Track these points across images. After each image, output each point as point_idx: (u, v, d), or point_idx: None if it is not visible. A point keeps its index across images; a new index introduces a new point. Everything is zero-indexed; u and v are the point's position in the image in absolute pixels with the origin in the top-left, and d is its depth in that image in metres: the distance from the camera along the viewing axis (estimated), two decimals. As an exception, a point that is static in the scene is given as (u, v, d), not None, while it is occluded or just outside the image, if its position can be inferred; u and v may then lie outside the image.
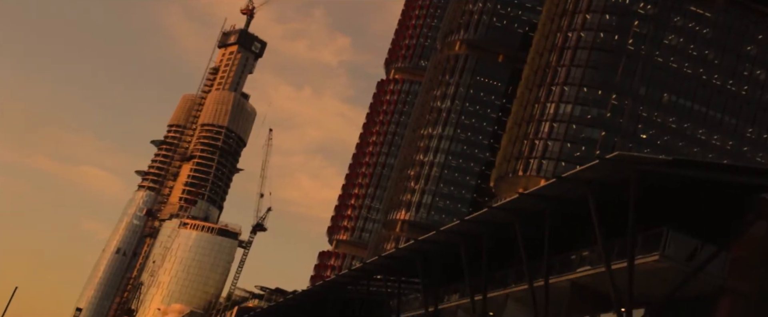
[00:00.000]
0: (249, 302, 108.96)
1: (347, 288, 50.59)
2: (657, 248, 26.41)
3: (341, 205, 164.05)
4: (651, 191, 27.12)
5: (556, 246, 31.09)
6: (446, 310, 40.94)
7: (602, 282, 28.16)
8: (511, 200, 32.22)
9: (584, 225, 28.93)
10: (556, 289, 30.99)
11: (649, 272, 26.82)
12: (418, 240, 40.12)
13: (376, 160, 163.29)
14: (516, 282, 35.33)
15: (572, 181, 28.37)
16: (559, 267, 31.82)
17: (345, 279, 51.18)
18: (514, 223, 31.90)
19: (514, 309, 35.00)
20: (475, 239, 35.06)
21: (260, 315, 71.55)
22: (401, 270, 43.38)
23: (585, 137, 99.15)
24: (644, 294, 26.66)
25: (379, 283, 47.65)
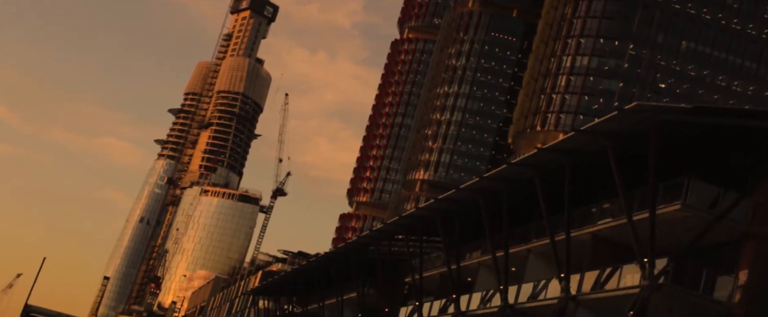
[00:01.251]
0: (272, 266, 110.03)
1: (369, 249, 50.86)
2: (678, 197, 26.23)
3: (360, 167, 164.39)
4: (671, 140, 26.82)
5: (577, 199, 30.96)
6: (468, 268, 41.12)
7: (624, 233, 28.07)
8: (530, 155, 32.04)
9: (604, 177, 28.74)
10: (578, 242, 30.95)
11: (671, 221, 26.68)
12: (437, 199, 40.13)
13: (393, 121, 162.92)
14: (537, 237, 35.34)
15: (591, 134, 28.12)
16: (580, 220, 31.74)
17: (366, 240, 51.43)
18: (533, 178, 31.76)
19: (536, 264, 35.07)
20: (495, 196, 34.99)
21: (284, 279, 72.24)
22: (422, 229, 43.49)
23: (603, 89, 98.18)
24: (667, 243, 26.54)
25: (401, 243, 47.84)
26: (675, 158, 27.44)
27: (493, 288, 36.77)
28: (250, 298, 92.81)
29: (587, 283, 29.85)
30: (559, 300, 30.47)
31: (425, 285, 44.99)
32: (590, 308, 29.94)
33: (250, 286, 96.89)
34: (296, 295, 70.31)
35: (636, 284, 26.61)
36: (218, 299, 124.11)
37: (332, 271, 55.46)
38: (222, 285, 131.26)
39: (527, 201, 33.95)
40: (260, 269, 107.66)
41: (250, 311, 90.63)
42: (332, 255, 58.16)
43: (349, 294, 55.90)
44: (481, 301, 38.03)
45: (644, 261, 26.17)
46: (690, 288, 26.21)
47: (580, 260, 30.64)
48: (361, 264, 51.66)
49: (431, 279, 45.37)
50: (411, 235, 45.45)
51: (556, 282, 31.48)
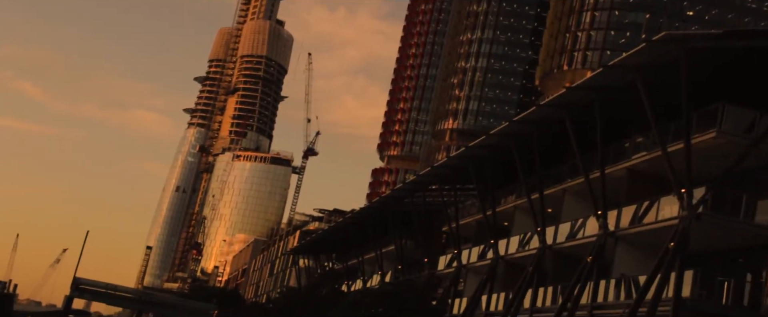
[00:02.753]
0: (309, 225, 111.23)
1: (404, 201, 51.09)
2: (713, 124, 25.83)
3: (388, 121, 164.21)
4: (702, 68, 26.31)
5: (609, 136, 30.67)
6: (504, 212, 41.17)
7: (659, 165, 27.80)
8: (559, 95, 31.70)
9: (636, 111, 28.36)
10: (613, 179, 30.76)
11: (706, 150, 26.34)
12: (468, 146, 40.02)
13: (417, 73, 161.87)
14: (571, 176, 35.17)
15: (619, 69, 27.68)
16: (613, 156, 31.49)
17: (400, 193, 51.65)
18: (563, 118, 31.47)
19: (572, 204, 34.98)
20: (526, 139, 34.79)
21: (322, 236, 73.05)
22: (455, 178, 43.52)
23: (629, 22, 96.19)
24: (704, 172, 26.23)
25: (435, 193, 47.97)
26: (707, 86, 26.94)
27: (531, 231, 36.85)
28: (290, 258, 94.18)
29: (625, 219, 29.74)
30: (598, 237, 30.45)
31: (462, 233, 45.22)
32: (630, 243, 29.89)
33: (289, 246, 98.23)
34: (335, 252, 71.16)
35: (675, 215, 26.44)
36: (259, 261, 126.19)
37: (369, 226, 55.90)
38: (261, 247, 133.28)
39: (559, 141, 33.71)
40: (298, 229, 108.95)
41: (291, 270, 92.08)
42: (368, 210, 58.57)
43: (388, 248, 56.42)
44: (520, 244, 38.17)
45: (682, 192, 25.94)
46: (731, 214, 25.97)
47: (617, 196, 30.48)
48: (397, 217, 51.97)
49: (468, 226, 45.57)
50: (445, 185, 45.53)
51: (593, 220, 31.42)
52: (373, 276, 58.31)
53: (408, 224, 51.75)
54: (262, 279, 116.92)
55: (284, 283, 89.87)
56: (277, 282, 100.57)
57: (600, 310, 29.27)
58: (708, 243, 27.38)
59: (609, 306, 28.94)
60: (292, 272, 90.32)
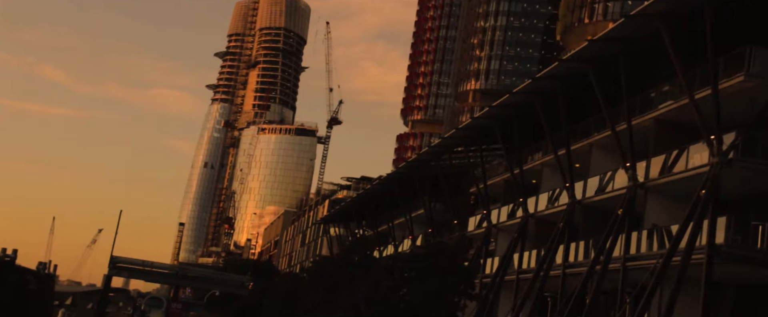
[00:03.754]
0: (338, 194, 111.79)
1: (430, 164, 51.13)
2: (741, 68, 25.39)
3: (410, 86, 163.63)
4: (727, 11, 25.80)
5: (634, 87, 30.34)
6: (531, 170, 41.07)
7: (687, 113, 27.49)
8: (581, 49, 31.32)
9: (660, 60, 28.00)
10: (640, 130, 30.50)
11: (735, 94, 25.95)
12: (492, 106, 39.82)
13: (437, 35, 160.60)
14: (598, 130, 34.92)
15: (642, 17, 27.25)
16: (640, 107, 31.18)
17: (427, 156, 51.67)
18: (587, 72, 31.15)
19: (600, 157, 34.77)
20: (551, 95, 34.52)
21: (351, 204, 73.45)
22: (481, 138, 43.42)
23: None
24: (732, 117, 25.88)
25: (461, 155, 47.93)
26: (733, 29, 26.45)
27: (559, 187, 36.75)
28: (320, 227, 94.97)
29: (654, 169, 29.53)
30: (628, 189, 30.30)
31: (491, 193, 45.23)
32: (660, 193, 29.72)
33: (319, 216, 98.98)
34: (365, 219, 71.57)
35: (705, 163, 26.20)
36: (290, 232, 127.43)
37: (397, 191, 56.08)
38: (292, 218, 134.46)
39: (584, 95, 33.43)
40: (326, 198, 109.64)
41: (322, 239, 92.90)
42: (395, 175, 58.72)
43: (417, 212, 56.63)
44: (549, 201, 38.12)
45: (711, 138, 25.65)
46: (762, 158, 25.66)
47: (645, 147, 30.24)
48: (425, 181, 52.06)
49: (496, 186, 45.55)
50: (470, 146, 45.45)
51: (622, 173, 31.24)
52: (403, 240, 58.66)
53: (436, 187, 51.82)
54: (294, 250, 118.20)
55: (316, 252, 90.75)
56: (309, 251, 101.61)
57: (633, 262, 29.26)
58: (740, 188, 27.13)
59: (642, 257, 28.91)
60: (323, 241, 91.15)
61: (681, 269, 25.58)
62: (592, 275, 30.65)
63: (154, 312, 32.10)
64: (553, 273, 34.62)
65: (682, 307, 25.51)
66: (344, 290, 33.07)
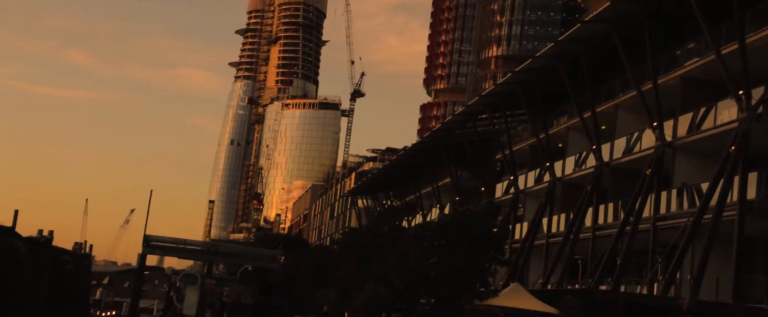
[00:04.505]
0: (364, 166, 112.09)
1: (455, 133, 51.05)
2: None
3: (432, 55, 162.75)
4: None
5: (659, 45, 29.94)
6: (557, 134, 40.85)
7: (714, 69, 27.11)
8: (604, 9, 30.92)
9: (685, 17, 27.55)
10: (666, 88, 30.16)
11: (762, 48, 25.51)
12: (515, 72, 39.59)
13: (457, 3, 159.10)
14: (623, 90, 34.60)
15: (665, -27, 26.81)
16: (665, 65, 30.80)
17: (451, 125, 51.59)
18: (610, 32, 30.78)
19: (626, 118, 34.48)
20: (574, 58, 34.19)
21: (378, 176, 73.67)
22: (505, 105, 43.21)
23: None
24: (761, 72, 25.48)
25: (486, 122, 47.77)
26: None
27: (586, 150, 36.56)
28: (348, 199, 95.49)
29: (682, 127, 29.25)
30: (656, 149, 30.06)
31: (517, 159, 45.13)
32: (689, 151, 29.47)
33: (347, 188, 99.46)
34: (392, 190, 71.81)
35: (734, 118, 25.89)
36: (319, 205, 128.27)
37: (423, 161, 56.14)
38: (319, 191, 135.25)
39: (607, 57, 33.06)
40: (353, 171, 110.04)
41: (350, 211, 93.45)
42: (420, 145, 58.76)
43: (443, 180, 56.70)
44: (576, 164, 37.95)
45: (740, 94, 25.31)
46: (792, 112, 25.32)
47: (672, 106, 29.93)
48: (450, 150, 52.02)
49: (522, 151, 45.41)
50: (495, 113, 45.28)
51: (649, 132, 30.98)
52: (431, 209, 58.84)
53: (461, 155, 51.78)
54: (323, 223, 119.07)
55: (345, 225, 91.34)
56: (338, 224, 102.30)
57: (663, 221, 29.14)
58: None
59: (672, 216, 28.78)
60: (351, 213, 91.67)
61: (712, 226, 25.44)
62: (622, 236, 30.59)
63: (189, 288, 32.60)
64: (583, 236, 34.59)
65: (714, 264, 25.42)
66: (374, 261, 33.33)
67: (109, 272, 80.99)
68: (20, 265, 6.17)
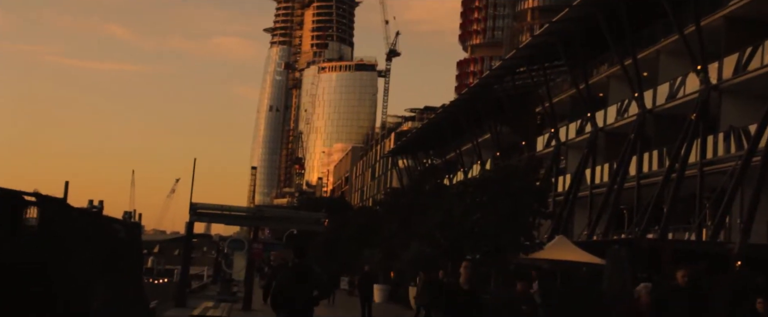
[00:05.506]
0: (403, 126, 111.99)
1: (493, 88, 50.55)
2: (816, -44, 24.06)
3: (467, 10, 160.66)
4: None
5: (701, -14, 29.10)
6: (597, 83, 40.22)
7: (759, 8, 26.36)
8: (642, -49, 30.09)
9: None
10: (710, 30, 29.38)
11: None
12: (552, 22, 38.88)
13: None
14: (665, 35, 33.81)
15: None
16: (709, 6, 29.93)
17: (489, 80, 51.09)
18: (649, -25, 29.99)
19: (668, 63, 33.76)
20: (612, 4, 33.38)
21: (417, 135, 73.53)
22: (543, 56, 42.58)
23: None
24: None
25: (524, 75, 47.16)
26: None
27: (628, 98, 35.96)
28: (389, 160, 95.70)
29: (727, 69, 28.53)
30: (700, 92, 29.41)
31: (557, 110, 44.59)
32: (735, 93, 28.79)
33: (387, 149, 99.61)
34: (432, 148, 71.69)
35: (781, 58, 25.17)
36: (359, 167, 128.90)
37: (462, 118, 55.80)
38: (360, 153, 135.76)
39: (647, 1, 32.24)
40: (392, 131, 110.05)
41: (391, 172, 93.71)
42: (459, 102, 58.38)
43: (483, 136, 56.37)
44: (618, 113, 37.39)
45: (787, 33, 24.57)
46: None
47: (716, 48, 29.17)
48: (489, 105, 51.57)
49: (562, 103, 44.85)
50: (533, 65, 44.67)
51: (693, 76, 30.29)
52: (472, 166, 58.67)
53: (501, 110, 51.31)
54: (365, 184, 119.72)
55: (387, 185, 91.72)
56: (379, 185, 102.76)
57: (710, 166, 28.64)
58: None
59: (719, 161, 28.27)
60: (392, 173, 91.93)
61: (761, 169, 24.94)
62: (668, 183, 30.17)
63: (237, 253, 33.16)
64: (627, 185, 34.22)
65: (764, 208, 25.00)
66: (417, 219, 33.46)
67: (158, 241, 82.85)
68: (75, 236, 6.31)
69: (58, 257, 5.55)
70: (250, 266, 28.45)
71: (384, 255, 36.42)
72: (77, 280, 6.26)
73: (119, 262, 8.81)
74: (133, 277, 10.02)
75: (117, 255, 8.65)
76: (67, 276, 5.88)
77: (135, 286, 10.24)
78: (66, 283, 5.83)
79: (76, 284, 6.29)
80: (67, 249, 5.86)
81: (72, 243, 6.01)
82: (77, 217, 6.41)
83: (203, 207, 28.25)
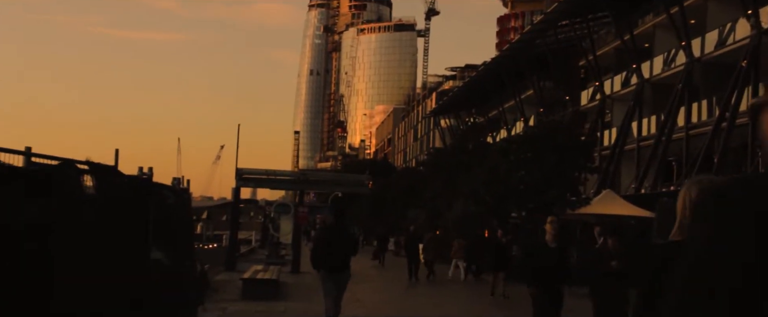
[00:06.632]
0: (444, 85, 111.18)
1: (535, 43, 49.77)
2: None
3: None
4: None
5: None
6: (643, 34, 39.29)
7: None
8: None
9: None
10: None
11: None
12: (594, -29, 37.93)
13: None
14: (712, -20, 32.74)
15: None
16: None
17: (530, 35, 50.30)
18: None
19: (717, 9, 32.74)
20: (656, -50, 32.44)
21: (459, 94, 72.99)
22: (586, 8, 41.67)
23: None
24: None
25: (567, 29, 46.26)
26: None
27: (674, 47, 35.07)
28: (431, 120, 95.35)
29: (779, 14, 27.58)
30: (751, 38, 28.52)
31: (601, 63, 43.77)
32: (788, 38, 27.86)
33: (428, 109, 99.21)
34: (474, 106, 71.16)
35: (836, 0, 24.20)
36: (402, 128, 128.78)
37: (504, 75, 55.15)
38: (401, 114, 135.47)
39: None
40: (433, 91, 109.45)
41: (434, 132, 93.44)
42: (500, 59, 57.66)
43: (526, 93, 55.71)
44: (664, 63, 36.55)
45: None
46: None
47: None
48: (531, 61, 50.85)
49: (606, 55, 44.00)
50: (575, 18, 43.79)
51: (743, 22, 29.36)
52: (515, 123, 58.13)
53: (543, 65, 50.56)
54: (407, 145, 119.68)
55: (430, 145, 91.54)
56: (422, 145, 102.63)
57: (762, 115, 27.83)
58: None
59: (771, 110, 27.43)
60: (435, 133, 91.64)
61: (816, 117, 24.12)
62: (718, 133, 29.51)
63: (283, 217, 33.56)
64: (676, 136, 33.57)
65: (819, 156, 24.29)
66: (462, 178, 33.39)
67: (206, 207, 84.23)
68: (126, 202, 6.42)
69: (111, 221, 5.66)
70: (297, 229, 28.80)
71: (429, 215, 36.52)
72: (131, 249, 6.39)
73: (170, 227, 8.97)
74: (184, 241, 10.22)
75: (168, 220, 8.80)
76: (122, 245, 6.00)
77: (187, 250, 10.45)
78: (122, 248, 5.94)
79: (132, 248, 6.42)
80: (120, 213, 5.98)
81: (124, 208, 6.13)
82: (128, 183, 6.52)
83: (249, 172, 28.58)
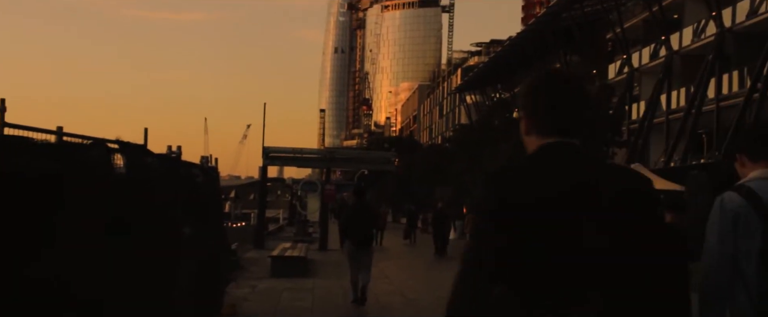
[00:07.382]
0: (469, 61, 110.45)
1: (562, 16, 49.18)
2: None
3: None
4: None
5: None
6: (671, 5, 38.60)
7: None
8: None
9: None
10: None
11: None
12: (621, -59, 37.28)
13: None
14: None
15: None
16: None
17: (556, 8, 49.67)
18: None
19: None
20: None
21: (484, 70, 72.49)
22: (612, -21, 41.06)
23: None
24: None
25: (593, 1, 45.63)
26: None
27: (705, 17, 34.46)
28: (456, 96, 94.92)
29: (813, -18, 26.92)
30: (783, 8, 27.91)
31: (629, 36, 43.15)
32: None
33: (454, 85, 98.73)
34: (500, 82, 70.68)
35: None
36: (427, 105, 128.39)
37: (530, 50, 54.65)
38: (427, 91, 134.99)
39: None
40: (458, 67, 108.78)
41: (459, 108, 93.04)
42: (526, 33, 57.15)
43: (553, 67, 55.21)
44: (694, 34, 35.94)
45: None
46: None
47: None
48: (558, 35, 50.31)
49: (634, 27, 43.36)
50: (602, -11, 43.18)
51: (775, -9, 28.73)
52: (542, 97, 57.70)
53: (570, 39, 50.00)
54: (433, 122, 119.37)
55: (456, 122, 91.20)
56: (448, 122, 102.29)
57: (795, 86, 27.36)
58: None
59: (805, 80, 26.96)
60: (460, 110, 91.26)
61: None
62: (750, 104, 29.02)
63: (310, 195, 33.74)
64: (706, 108, 33.08)
65: None
66: (488, 154, 33.27)
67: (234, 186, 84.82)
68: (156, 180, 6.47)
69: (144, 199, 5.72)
70: (324, 207, 28.92)
71: (456, 191, 36.47)
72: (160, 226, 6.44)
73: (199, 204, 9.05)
74: (213, 219, 10.31)
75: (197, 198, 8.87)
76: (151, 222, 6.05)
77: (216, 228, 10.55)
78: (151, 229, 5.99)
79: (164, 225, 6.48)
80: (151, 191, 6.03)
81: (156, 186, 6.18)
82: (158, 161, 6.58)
83: (275, 151, 28.72)
